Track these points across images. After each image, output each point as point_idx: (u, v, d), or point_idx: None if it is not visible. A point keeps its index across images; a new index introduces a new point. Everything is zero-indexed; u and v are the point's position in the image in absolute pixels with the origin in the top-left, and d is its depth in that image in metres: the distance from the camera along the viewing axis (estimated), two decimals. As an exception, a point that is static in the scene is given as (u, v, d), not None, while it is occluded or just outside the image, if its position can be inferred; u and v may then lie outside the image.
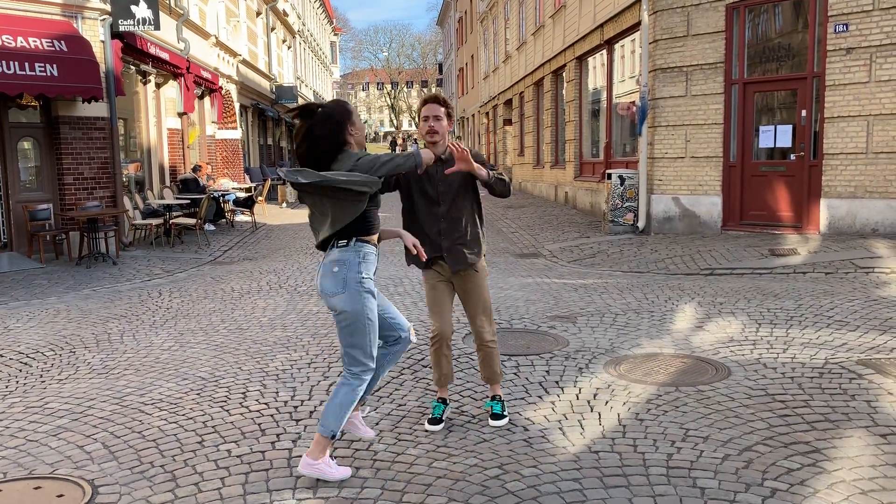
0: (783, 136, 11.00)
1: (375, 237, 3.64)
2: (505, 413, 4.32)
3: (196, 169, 16.01)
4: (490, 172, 4.03)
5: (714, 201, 11.57)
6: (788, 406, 4.37)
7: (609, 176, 12.53)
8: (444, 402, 4.34)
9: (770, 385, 4.75)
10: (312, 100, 38.35)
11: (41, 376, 5.44)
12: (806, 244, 10.03)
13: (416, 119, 4.30)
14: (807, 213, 10.83)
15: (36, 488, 3.56)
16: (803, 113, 10.75)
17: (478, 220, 4.24)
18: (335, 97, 60.33)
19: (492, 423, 4.27)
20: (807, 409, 4.32)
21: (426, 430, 4.18)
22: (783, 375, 4.93)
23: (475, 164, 3.92)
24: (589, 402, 4.58)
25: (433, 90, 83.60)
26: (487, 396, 4.50)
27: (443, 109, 4.11)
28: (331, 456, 3.63)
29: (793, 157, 10.92)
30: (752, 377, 4.92)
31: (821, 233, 10.60)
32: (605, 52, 15.12)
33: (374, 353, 3.58)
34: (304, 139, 3.56)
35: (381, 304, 3.70)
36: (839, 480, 3.40)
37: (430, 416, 4.28)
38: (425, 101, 4.16)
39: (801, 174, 10.85)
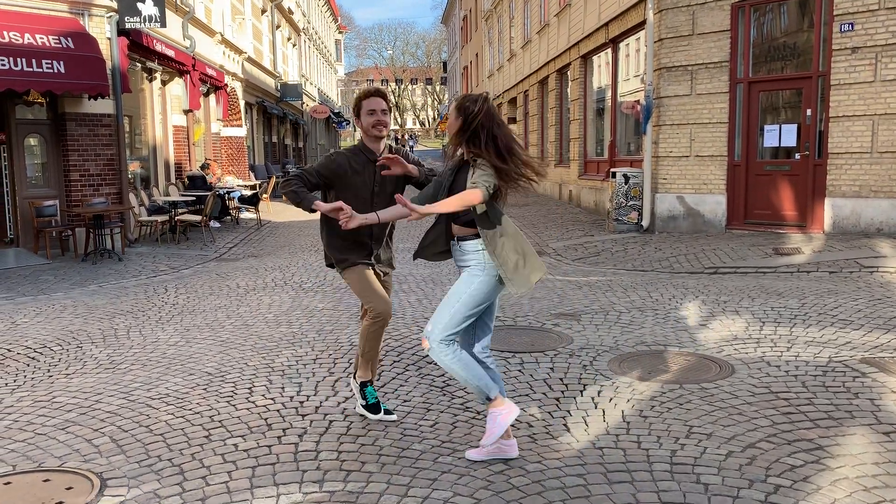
0: (788, 136, 11.00)
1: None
2: None
3: (205, 166, 16.05)
4: (421, 170, 4.07)
5: (718, 200, 11.58)
6: (792, 404, 4.39)
7: (613, 174, 12.55)
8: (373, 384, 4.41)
9: (774, 383, 4.77)
10: (317, 98, 38.39)
11: (49, 371, 5.48)
12: (810, 243, 10.04)
13: (358, 113, 4.13)
14: (811, 213, 10.83)
15: (45, 481, 3.60)
16: (808, 112, 10.75)
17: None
18: (339, 95, 60.42)
19: (383, 416, 4.27)
20: (810, 406, 4.34)
21: (370, 419, 4.28)
22: (787, 373, 4.95)
23: (409, 166, 3.99)
24: (593, 398, 4.60)
25: (437, 88, 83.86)
26: (363, 383, 4.32)
27: (385, 103, 4.10)
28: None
29: (797, 156, 10.92)
30: (756, 375, 4.94)
31: (825, 232, 10.60)
32: (609, 50, 15.13)
33: None
34: None
35: None
36: (842, 477, 3.42)
37: (369, 403, 4.31)
38: (368, 94, 4.07)
39: (805, 173, 10.85)
